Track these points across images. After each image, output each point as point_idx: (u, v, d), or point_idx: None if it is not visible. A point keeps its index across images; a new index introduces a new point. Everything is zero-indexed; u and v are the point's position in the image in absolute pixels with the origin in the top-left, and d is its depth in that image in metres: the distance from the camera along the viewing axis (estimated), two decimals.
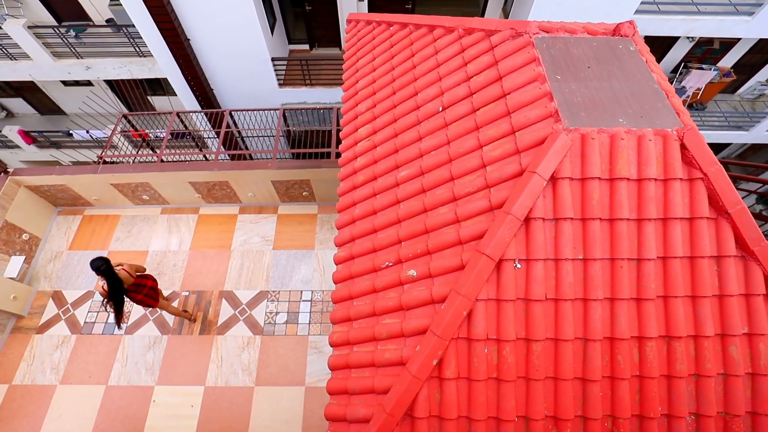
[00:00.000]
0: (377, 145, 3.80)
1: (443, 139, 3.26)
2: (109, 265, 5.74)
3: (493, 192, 2.77)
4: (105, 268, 5.71)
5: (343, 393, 2.97)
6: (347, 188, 3.85)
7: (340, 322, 3.27)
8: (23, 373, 7.27)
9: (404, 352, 2.71)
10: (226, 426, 6.81)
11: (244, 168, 7.76)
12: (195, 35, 10.38)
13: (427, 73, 3.76)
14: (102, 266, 5.69)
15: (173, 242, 8.52)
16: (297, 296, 7.85)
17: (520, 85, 2.98)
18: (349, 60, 4.76)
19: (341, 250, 3.59)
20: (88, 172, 7.89)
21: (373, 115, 4.02)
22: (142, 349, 7.41)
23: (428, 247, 2.94)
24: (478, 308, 2.62)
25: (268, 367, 7.22)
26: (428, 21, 4.06)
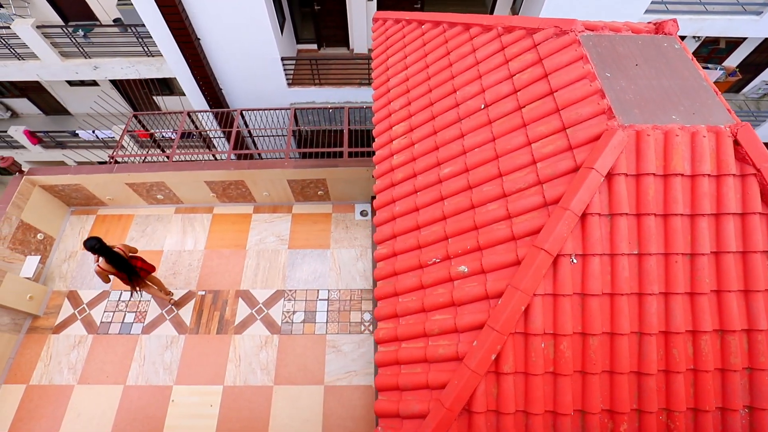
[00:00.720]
0: (415, 143, 3.81)
1: (488, 136, 3.28)
2: (102, 243, 6.07)
3: (546, 188, 2.79)
4: (99, 246, 6.03)
5: (393, 389, 2.98)
6: (385, 185, 3.86)
7: (386, 318, 3.28)
8: (40, 373, 7.24)
9: (460, 347, 2.73)
10: (246, 425, 6.80)
11: (261, 167, 7.76)
12: (205, 35, 10.38)
13: (466, 70, 3.78)
14: (96, 245, 6.01)
15: (188, 242, 8.51)
16: (314, 295, 7.85)
17: (569, 83, 3.00)
18: (379, 58, 4.77)
19: (382, 247, 3.60)
20: (104, 172, 7.88)
21: (408, 112, 4.03)
22: (159, 349, 7.39)
23: (479, 243, 2.96)
24: (536, 303, 2.64)
25: (286, 366, 7.22)
26: (463, 19, 4.08)
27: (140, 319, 7.68)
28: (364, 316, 7.59)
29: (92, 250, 6.10)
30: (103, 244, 6.11)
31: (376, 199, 3.89)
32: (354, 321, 7.57)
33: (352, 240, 8.40)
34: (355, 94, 12.15)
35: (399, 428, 2.85)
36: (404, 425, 2.83)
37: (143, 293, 7.73)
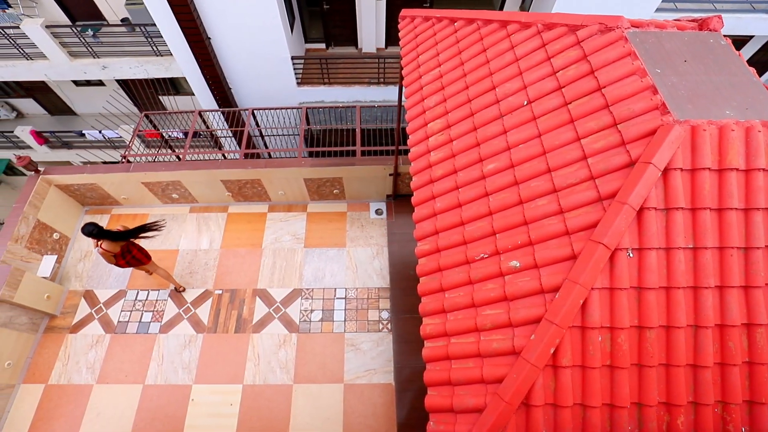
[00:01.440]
0: (453, 139, 3.83)
1: (533, 132, 3.29)
2: (99, 227, 6.11)
3: (600, 183, 2.81)
4: (97, 231, 6.10)
5: (445, 384, 2.99)
6: (423, 182, 3.87)
7: (432, 314, 3.29)
8: (59, 372, 7.22)
9: (516, 341, 2.74)
10: (267, 424, 6.80)
11: (278, 166, 7.76)
12: (216, 34, 10.38)
13: (505, 67, 3.79)
14: (94, 230, 6.08)
15: (203, 241, 8.50)
16: (331, 294, 7.85)
17: (618, 79, 3.02)
18: (408, 55, 4.78)
19: (424, 243, 3.61)
20: (120, 171, 7.86)
21: (445, 109, 4.04)
22: (177, 348, 7.38)
23: (530, 239, 2.97)
24: (593, 297, 2.65)
25: (305, 364, 7.22)
26: (499, 17, 4.09)
27: (158, 318, 7.67)
28: (382, 315, 7.60)
29: (90, 235, 6.17)
30: (101, 229, 6.17)
31: (414, 196, 3.89)
32: (372, 319, 7.57)
33: (367, 239, 8.41)
34: (364, 93, 12.17)
35: (452, 423, 2.86)
36: (458, 420, 2.84)
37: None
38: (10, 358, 6.97)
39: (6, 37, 11.53)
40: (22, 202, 7.50)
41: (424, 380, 3.10)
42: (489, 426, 2.61)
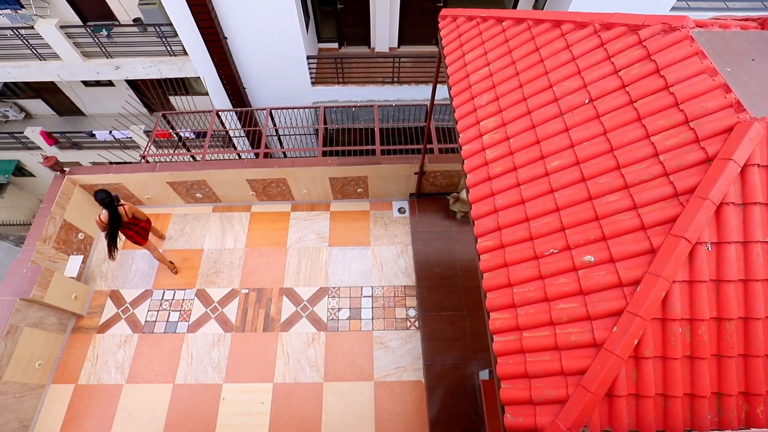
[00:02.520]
0: (510, 137, 3.89)
1: (599, 130, 3.36)
2: (111, 198, 6.59)
3: (675, 179, 2.88)
4: (108, 200, 6.57)
5: (521, 377, 3.06)
6: (480, 179, 3.93)
7: (500, 309, 3.35)
8: (88, 372, 7.24)
9: (597, 334, 2.81)
10: (299, 422, 6.84)
11: (304, 165, 7.81)
12: (232, 34, 10.42)
13: (561, 66, 3.86)
14: (106, 198, 6.54)
15: (228, 240, 8.53)
16: (357, 292, 7.91)
17: (687, 77, 3.10)
18: (453, 54, 4.85)
19: (486, 240, 3.67)
20: (146, 171, 7.88)
21: (498, 107, 4.11)
22: (206, 347, 7.42)
23: (604, 234, 3.04)
24: (674, 289, 2.73)
25: (335, 362, 7.27)
26: (551, 17, 4.16)
27: (185, 317, 7.70)
28: (409, 312, 7.66)
29: (102, 203, 6.60)
30: (112, 200, 6.62)
31: (471, 194, 3.95)
32: (399, 317, 7.63)
33: (391, 237, 8.47)
34: (378, 92, 12.23)
35: (530, 414, 2.92)
36: (538, 411, 2.90)
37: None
38: (40, 358, 6.99)
39: (20, 37, 11.50)
40: (49, 202, 7.52)
41: (498, 374, 3.16)
42: (575, 416, 2.68)
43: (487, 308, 3.41)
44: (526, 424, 2.90)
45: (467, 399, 6.89)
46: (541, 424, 2.83)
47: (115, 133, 14.35)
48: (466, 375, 7.08)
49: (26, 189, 17.23)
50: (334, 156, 8.25)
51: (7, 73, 12.27)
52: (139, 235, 7.35)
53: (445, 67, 4.95)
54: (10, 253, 15.51)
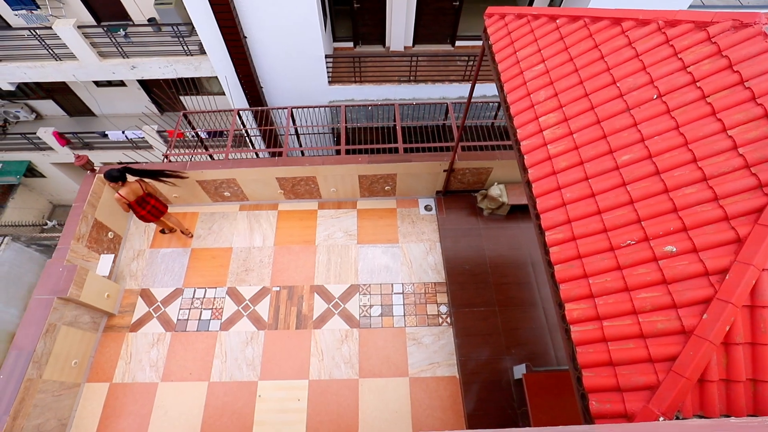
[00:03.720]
0: (574, 132, 3.97)
1: (671, 124, 3.45)
2: (121, 170, 7.06)
3: (757, 170, 2.97)
4: (117, 174, 7.04)
5: (605, 365, 3.14)
6: (544, 174, 4.01)
7: (576, 300, 3.43)
8: (122, 371, 7.27)
9: (685, 321, 2.89)
10: (336, 418, 6.90)
11: (335, 162, 7.87)
12: (252, 32, 10.45)
13: (624, 63, 3.95)
14: (116, 174, 7.02)
15: (256, 238, 8.58)
16: (388, 289, 7.97)
17: (763, 72, 3.19)
18: (503, 51, 4.92)
19: (555, 233, 3.75)
20: (176, 169, 7.90)
21: (559, 103, 4.19)
22: (239, 345, 7.46)
23: (684, 224, 3.13)
24: (764, 277, 2.82)
25: (369, 359, 7.33)
26: (610, 14, 4.25)
27: (217, 315, 7.74)
28: (441, 309, 7.74)
29: (113, 179, 7.05)
30: (122, 170, 7.06)
31: (535, 187, 4.03)
32: (431, 313, 7.71)
33: (419, 234, 8.54)
34: (395, 91, 12.29)
35: (618, 401, 3.00)
36: (626, 398, 2.98)
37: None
38: (75, 356, 7.01)
39: (37, 38, 11.49)
40: (81, 201, 7.53)
41: (579, 363, 3.23)
42: (670, 400, 2.76)
43: (562, 299, 3.48)
44: (614, 410, 2.97)
45: (503, 394, 6.97)
46: (632, 409, 2.91)
47: (128, 133, 14.32)
48: (501, 370, 7.16)
49: (36, 190, 17.19)
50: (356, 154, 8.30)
51: (23, 73, 12.26)
52: (151, 214, 7.62)
53: (495, 64, 5.02)
54: (22, 254, 15.45)
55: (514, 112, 4.48)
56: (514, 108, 4.50)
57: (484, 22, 5.34)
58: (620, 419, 2.95)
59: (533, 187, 4.05)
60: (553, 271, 3.73)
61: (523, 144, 4.28)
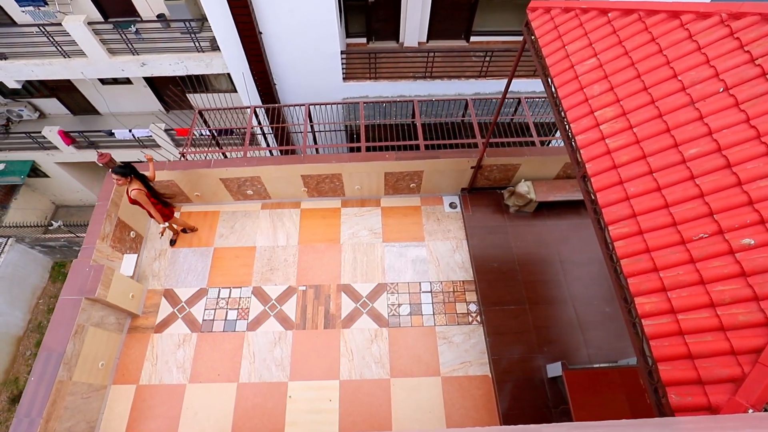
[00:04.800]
0: (634, 126, 4.02)
1: (740, 117, 3.50)
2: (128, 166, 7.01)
3: None
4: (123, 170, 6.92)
5: (682, 358, 3.19)
6: (604, 168, 4.06)
7: (647, 293, 3.48)
8: (149, 373, 7.28)
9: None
10: (369, 418, 6.93)
11: (362, 160, 7.90)
12: (267, 28, 10.45)
13: (686, 56, 4.00)
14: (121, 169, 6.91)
15: (280, 237, 8.59)
16: (416, 288, 8.01)
17: None
18: (550, 45, 4.97)
19: (620, 227, 3.80)
20: (201, 167, 7.92)
21: (616, 97, 4.24)
22: (268, 345, 7.48)
23: (762, 217, 3.18)
24: None
25: (400, 358, 7.37)
26: (667, 7, 4.30)
27: (243, 315, 7.76)
28: (470, 307, 7.78)
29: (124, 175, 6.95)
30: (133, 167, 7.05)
31: (595, 182, 4.07)
32: (460, 312, 7.75)
33: (445, 232, 8.58)
34: (410, 87, 12.33)
35: (700, 394, 3.05)
36: (709, 390, 3.03)
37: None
38: (102, 358, 7.02)
39: (46, 35, 11.45)
40: (104, 199, 7.53)
41: (655, 356, 3.28)
42: (759, 392, 2.81)
43: (632, 293, 3.53)
44: (696, 403, 3.02)
45: (537, 392, 7.03)
46: (716, 402, 2.95)
47: (134, 131, 14.29)
48: (534, 368, 7.22)
49: (39, 190, 17.12)
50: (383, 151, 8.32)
51: (30, 71, 12.22)
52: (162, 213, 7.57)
53: (540, 59, 5.06)
54: (26, 256, 15.44)
55: (567, 106, 4.53)
56: (567, 102, 4.54)
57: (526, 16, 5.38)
58: (703, 412, 3.00)
59: (592, 182, 4.09)
60: (617, 265, 3.78)
61: (579, 138, 4.32)
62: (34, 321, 15.49)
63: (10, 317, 14.76)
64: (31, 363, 14.96)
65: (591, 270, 7.98)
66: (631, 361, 6.65)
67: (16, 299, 14.97)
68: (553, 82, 4.81)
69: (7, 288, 14.62)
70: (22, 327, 15.27)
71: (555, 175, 8.40)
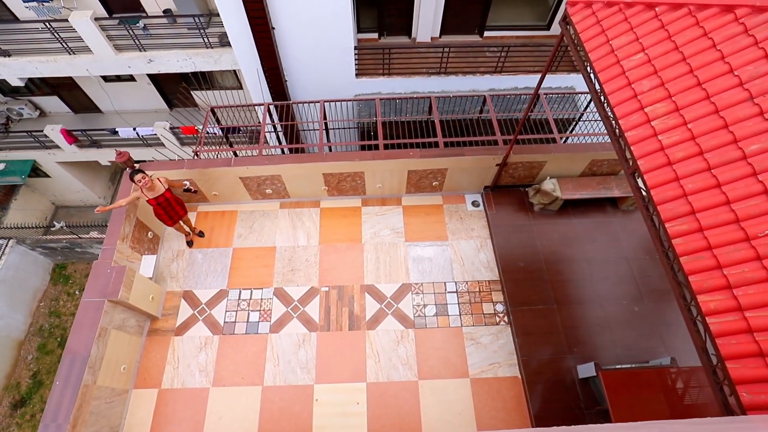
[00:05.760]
0: (689, 122, 4.07)
1: None
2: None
3: None
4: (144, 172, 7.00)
5: (754, 356, 3.23)
6: (658, 165, 4.10)
7: (711, 291, 3.52)
8: (170, 376, 7.29)
9: None
10: (398, 421, 6.96)
11: (386, 157, 7.92)
12: (281, 23, 10.44)
13: (742, 51, 4.04)
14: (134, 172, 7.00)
15: (300, 237, 8.61)
16: (441, 288, 8.04)
17: None
18: (593, 40, 5.00)
19: (679, 224, 3.84)
20: (221, 166, 7.93)
21: (667, 92, 4.28)
22: (292, 348, 7.50)
23: None
24: None
25: (427, 360, 7.40)
26: (719, 1, 4.35)
27: (266, 317, 7.78)
28: (497, 307, 7.82)
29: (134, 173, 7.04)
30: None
31: (649, 178, 4.11)
32: (487, 312, 7.79)
33: (469, 231, 8.62)
34: (423, 84, 12.35)
35: None
36: None
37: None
38: (124, 362, 7.03)
39: (51, 31, 11.42)
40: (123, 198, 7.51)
41: (723, 354, 3.32)
42: None
43: (694, 291, 3.57)
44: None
45: (568, 393, 7.07)
46: None
47: (139, 130, 14.27)
48: (564, 369, 7.26)
49: (39, 190, 17.05)
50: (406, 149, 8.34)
51: (34, 68, 12.19)
52: (167, 215, 7.62)
53: (582, 54, 5.10)
54: (27, 258, 15.39)
55: (615, 102, 4.57)
56: (614, 98, 4.58)
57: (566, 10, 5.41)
58: None
59: (646, 179, 4.13)
60: (673, 263, 3.82)
61: (629, 135, 4.36)
62: (35, 324, 15.44)
63: (10, 321, 14.71)
64: (33, 367, 14.95)
65: (619, 269, 8.03)
66: (664, 362, 6.70)
67: (17, 302, 14.92)
68: (598, 77, 4.83)
69: (8, 291, 14.57)
70: (23, 331, 15.23)
71: (580, 172, 8.45)
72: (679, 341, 7.25)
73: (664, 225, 3.91)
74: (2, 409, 14.12)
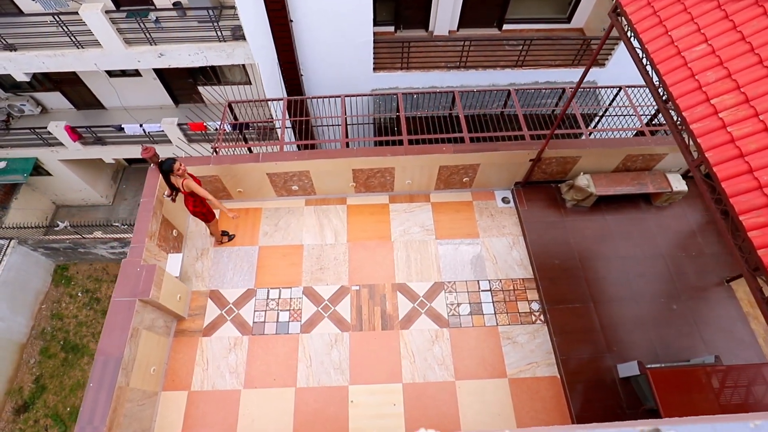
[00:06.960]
0: (760, 113, 4.13)
1: None
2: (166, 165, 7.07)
3: None
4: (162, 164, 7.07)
5: None
6: (728, 157, 4.16)
7: None
8: (200, 378, 7.29)
9: None
10: (437, 422, 6.99)
11: (419, 152, 7.97)
12: (299, 16, 10.47)
13: None
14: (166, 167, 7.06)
15: (327, 235, 8.63)
16: (475, 286, 8.08)
17: None
18: (650, 32, 5.06)
19: (755, 216, 3.90)
20: (248, 161, 7.95)
21: (736, 84, 4.34)
22: (324, 348, 7.52)
23: None
24: None
25: (463, 360, 7.44)
26: None
27: (296, 317, 7.79)
28: (532, 306, 7.87)
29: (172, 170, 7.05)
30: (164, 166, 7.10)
31: (719, 170, 4.17)
32: (523, 311, 7.84)
33: (500, 228, 8.67)
34: (441, 78, 12.41)
35: None
36: None
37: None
38: (153, 363, 7.02)
39: (60, 24, 11.39)
40: (149, 196, 7.53)
41: None
42: None
43: None
44: None
45: (609, 393, 7.12)
46: None
47: (146, 126, 14.25)
48: (604, 368, 7.31)
49: (39, 189, 16.98)
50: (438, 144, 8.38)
51: (41, 62, 12.14)
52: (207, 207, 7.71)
53: (637, 46, 5.16)
54: (28, 258, 15.33)
55: (677, 94, 4.62)
56: (677, 90, 4.64)
57: (618, 1, 5.46)
58: None
59: (716, 171, 4.19)
60: (748, 256, 3.88)
61: (695, 127, 4.42)
62: (37, 327, 15.39)
63: (12, 323, 14.65)
64: (35, 371, 14.89)
65: (655, 266, 8.10)
66: (707, 360, 6.77)
67: (19, 304, 14.87)
68: (656, 69, 4.89)
69: (10, 293, 14.52)
70: (25, 333, 15.18)
71: (614, 167, 8.52)
72: (719, 339, 7.32)
73: (738, 218, 3.96)
74: (5, 415, 14.07)
